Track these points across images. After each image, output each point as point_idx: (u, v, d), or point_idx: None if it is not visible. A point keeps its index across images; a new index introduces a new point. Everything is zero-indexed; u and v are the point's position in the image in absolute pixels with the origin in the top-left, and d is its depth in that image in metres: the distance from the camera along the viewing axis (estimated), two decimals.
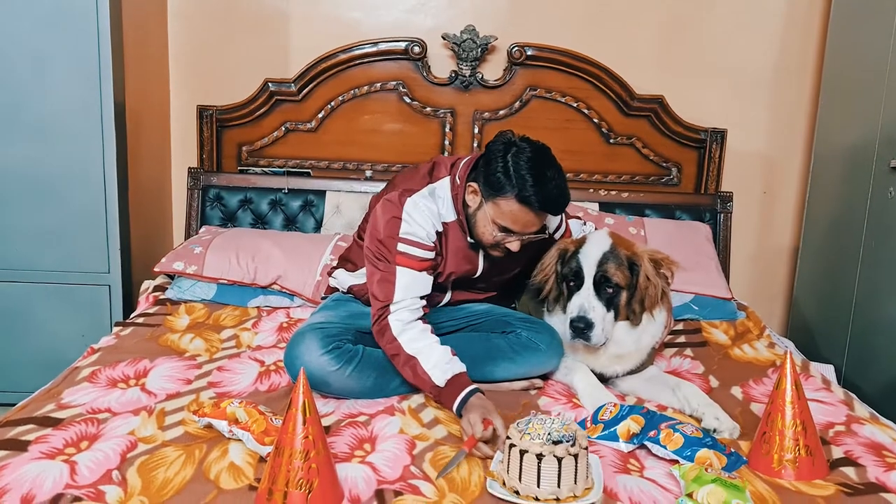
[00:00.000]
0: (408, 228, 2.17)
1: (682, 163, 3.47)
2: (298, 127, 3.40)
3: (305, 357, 2.12)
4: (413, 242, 2.17)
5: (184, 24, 3.43)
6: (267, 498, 1.58)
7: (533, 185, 2.06)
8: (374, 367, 2.17)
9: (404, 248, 2.17)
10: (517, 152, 2.09)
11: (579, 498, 1.65)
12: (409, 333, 2.12)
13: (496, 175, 2.09)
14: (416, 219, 2.18)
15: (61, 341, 2.99)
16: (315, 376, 2.09)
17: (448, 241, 2.26)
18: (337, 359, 2.13)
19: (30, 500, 1.60)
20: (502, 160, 2.09)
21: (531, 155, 2.09)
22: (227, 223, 3.37)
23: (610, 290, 2.24)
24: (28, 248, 2.98)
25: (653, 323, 2.33)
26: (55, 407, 2.02)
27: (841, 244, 3.11)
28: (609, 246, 2.27)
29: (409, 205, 2.19)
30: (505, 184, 2.08)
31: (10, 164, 2.92)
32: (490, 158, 2.13)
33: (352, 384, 2.14)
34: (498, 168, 2.09)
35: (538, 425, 1.70)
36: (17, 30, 2.84)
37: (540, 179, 2.07)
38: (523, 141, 2.14)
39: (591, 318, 2.21)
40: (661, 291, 2.28)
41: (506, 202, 2.10)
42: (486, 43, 3.32)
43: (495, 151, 2.12)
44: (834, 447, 1.97)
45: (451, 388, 2.02)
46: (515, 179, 2.07)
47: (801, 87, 3.53)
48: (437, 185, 2.24)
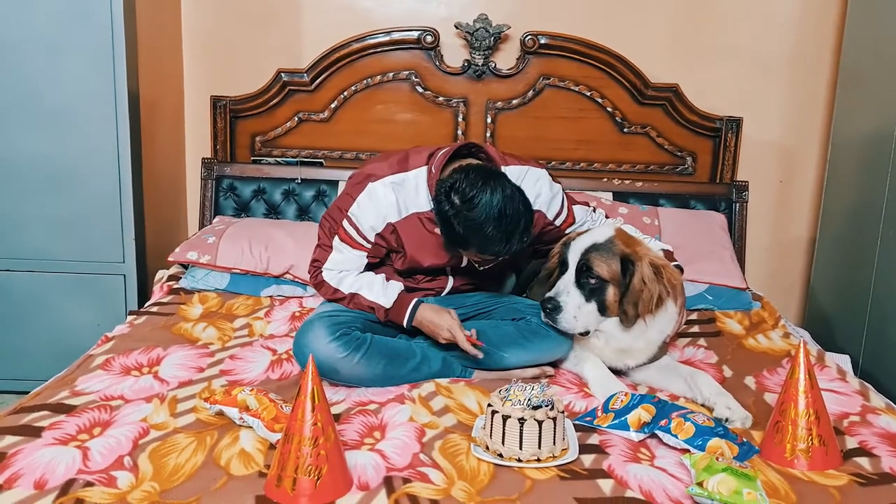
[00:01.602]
0: (355, 210, 2.24)
1: (696, 152, 3.44)
2: (311, 117, 3.41)
3: (314, 344, 2.13)
4: (354, 225, 2.25)
5: (197, 14, 3.44)
6: (276, 484, 1.59)
7: (481, 245, 2.08)
8: (384, 355, 2.18)
9: (346, 226, 2.26)
10: (463, 207, 2.04)
11: (557, 458, 1.78)
12: (346, 281, 2.32)
13: (455, 237, 2.10)
14: (366, 206, 2.23)
15: (76, 330, 3.01)
16: (324, 364, 2.10)
17: (421, 232, 2.27)
18: (345, 346, 2.14)
19: (42, 484, 1.62)
20: (454, 221, 2.06)
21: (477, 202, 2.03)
22: (240, 213, 3.38)
23: (592, 280, 2.22)
24: (44, 238, 3.01)
25: (662, 317, 2.29)
26: (69, 394, 2.04)
27: (858, 234, 3.07)
28: (604, 238, 2.25)
29: (368, 190, 2.23)
30: (467, 242, 2.10)
31: (25, 154, 2.94)
32: (441, 219, 2.11)
33: (361, 371, 2.15)
34: (454, 230, 2.08)
35: (518, 392, 1.81)
36: (32, 21, 2.85)
37: (485, 241, 2.06)
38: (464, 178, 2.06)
39: (559, 301, 2.22)
40: (657, 298, 2.21)
41: (469, 252, 2.18)
42: (498, 32, 3.30)
43: (443, 212, 2.09)
44: (848, 437, 1.95)
45: (397, 308, 2.27)
46: (474, 240, 2.07)
47: (818, 75, 3.49)
48: (409, 174, 2.25)
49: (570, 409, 2.10)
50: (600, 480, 1.71)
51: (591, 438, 1.91)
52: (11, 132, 2.92)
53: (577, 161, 3.45)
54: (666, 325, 2.32)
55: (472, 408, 2.06)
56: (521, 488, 1.67)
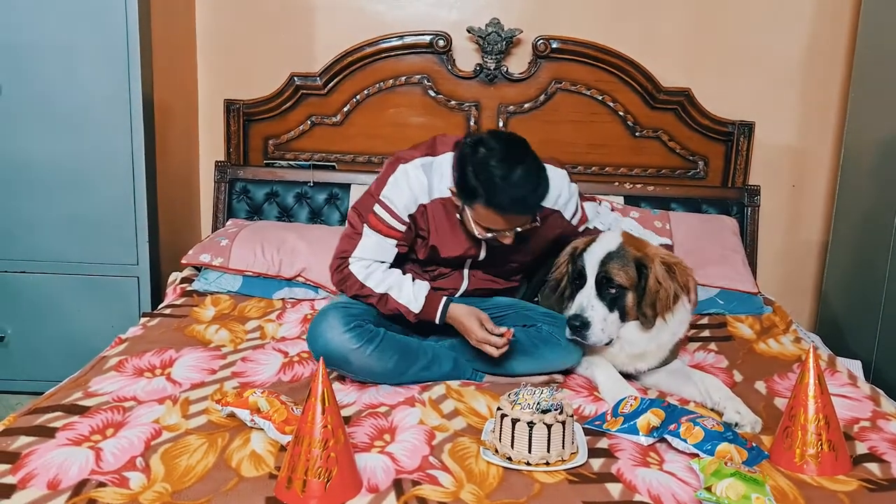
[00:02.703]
0: (387, 192, 2.22)
1: (708, 156, 3.44)
2: (324, 121, 3.42)
3: (328, 334, 2.15)
4: (387, 208, 2.22)
5: (212, 18, 3.46)
6: (286, 486, 1.60)
7: (501, 191, 2.04)
8: (396, 350, 2.19)
9: (378, 210, 2.23)
10: (485, 155, 2.06)
11: (566, 461, 1.78)
12: (374, 277, 2.24)
13: (466, 181, 2.09)
14: (399, 185, 2.21)
15: (90, 332, 3.03)
16: (336, 353, 2.12)
17: (445, 217, 2.25)
18: (358, 337, 2.15)
19: (56, 485, 1.64)
20: (470, 165, 2.07)
21: (498, 155, 2.05)
22: (253, 216, 3.40)
23: (613, 290, 2.22)
24: (58, 240, 3.03)
25: (673, 320, 2.29)
26: (82, 395, 2.06)
27: (871, 238, 3.06)
28: (616, 246, 2.25)
29: (399, 171, 2.23)
30: (474, 190, 2.07)
31: (40, 156, 2.97)
32: (460, 161, 2.11)
33: (372, 364, 2.16)
34: (467, 173, 2.08)
35: (528, 396, 1.82)
36: (47, 23, 2.88)
37: (507, 183, 2.03)
38: (493, 137, 2.10)
39: (587, 318, 2.20)
40: (673, 296, 2.23)
41: (480, 207, 2.10)
42: (510, 36, 3.31)
43: (463, 156, 2.10)
44: (858, 443, 1.94)
45: (427, 308, 2.23)
46: (482, 186, 2.05)
47: (830, 79, 3.47)
48: (436, 158, 2.24)
49: (580, 413, 2.10)
50: (609, 484, 1.72)
51: (600, 442, 1.91)
52: (27, 135, 2.95)
53: (589, 165, 3.45)
54: (678, 328, 2.32)
55: (481, 411, 2.07)
56: (529, 492, 1.68)
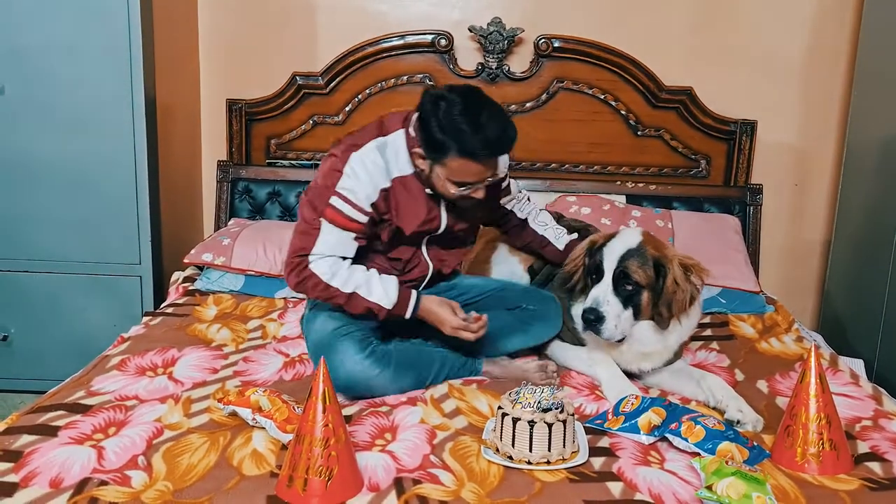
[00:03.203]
0: (346, 183, 2.12)
1: (711, 155, 3.43)
2: (326, 120, 3.43)
3: (347, 365, 2.10)
4: (347, 200, 2.12)
5: (214, 18, 3.47)
6: (287, 484, 1.61)
7: (472, 136, 2.01)
8: (411, 365, 2.18)
9: (336, 203, 2.12)
10: (447, 107, 2.03)
11: (567, 460, 1.78)
12: (339, 276, 2.15)
13: (434, 136, 2.04)
14: (357, 174, 2.12)
15: (93, 331, 3.04)
16: (360, 383, 2.10)
17: (405, 194, 2.20)
18: (376, 363, 2.12)
19: (58, 483, 1.64)
20: (435, 119, 2.03)
21: (461, 104, 2.03)
22: (255, 215, 3.41)
23: (629, 287, 2.20)
24: (61, 240, 3.04)
25: (685, 322, 2.29)
26: (85, 394, 2.07)
27: (873, 237, 3.05)
28: (637, 244, 2.24)
29: (355, 159, 2.13)
30: (445, 142, 2.03)
31: (43, 156, 2.98)
32: (423, 120, 2.07)
33: (392, 387, 2.14)
34: (434, 129, 2.03)
35: (529, 395, 1.82)
36: (50, 24, 2.89)
37: (476, 127, 2.01)
38: (451, 91, 2.07)
39: (602, 312, 2.19)
40: (689, 297, 2.22)
41: (451, 160, 2.06)
42: (512, 35, 3.31)
43: (426, 111, 2.06)
44: (860, 442, 1.94)
45: (399, 305, 2.18)
46: (453, 135, 2.02)
47: (833, 77, 3.47)
48: (388, 138, 2.17)
49: (581, 412, 2.10)
50: (610, 483, 1.72)
51: (601, 441, 1.91)
52: (30, 135, 2.96)
53: (591, 164, 3.45)
54: (685, 330, 2.32)
55: (483, 410, 2.07)
56: (530, 490, 1.68)
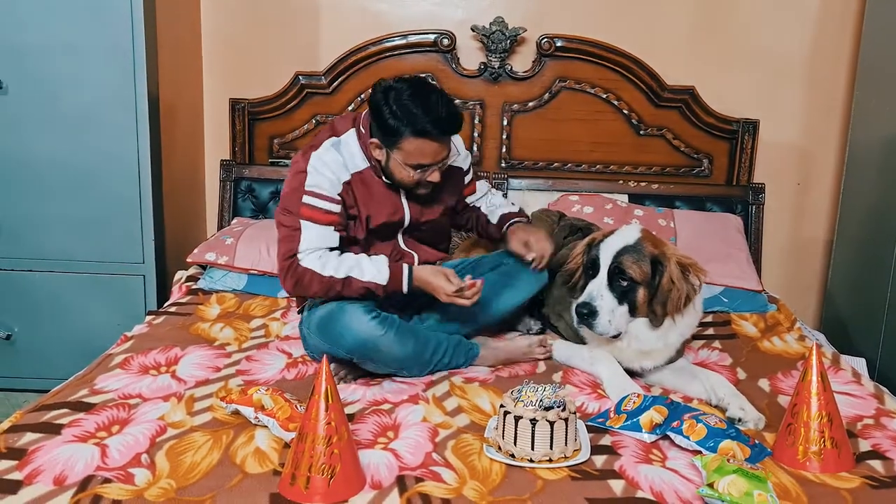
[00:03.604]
0: (312, 180, 2.25)
1: (713, 154, 3.44)
2: (329, 119, 3.42)
3: (355, 325, 2.16)
4: (317, 195, 2.25)
5: (217, 17, 3.47)
6: (290, 482, 1.61)
7: (424, 116, 2.15)
8: (410, 333, 2.23)
9: (309, 200, 2.24)
10: (396, 94, 2.17)
11: (569, 458, 1.79)
12: (331, 264, 2.22)
13: (388, 122, 2.18)
14: (320, 170, 2.26)
15: (96, 330, 3.04)
16: (368, 342, 2.15)
17: (364, 189, 2.33)
18: (381, 323, 2.18)
19: (62, 480, 1.65)
20: (386, 106, 2.17)
21: (409, 90, 2.18)
22: (258, 215, 3.41)
23: (624, 282, 2.21)
24: (64, 239, 3.05)
25: (682, 321, 2.29)
26: (88, 392, 2.08)
27: (875, 236, 3.05)
28: (634, 240, 2.25)
29: (314, 158, 2.27)
30: (398, 126, 2.17)
31: (46, 155, 2.98)
32: (375, 109, 2.20)
33: (396, 350, 2.18)
34: (386, 115, 2.17)
35: (530, 393, 1.82)
36: (52, 23, 2.89)
37: (427, 108, 2.16)
38: (398, 81, 2.22)
39: (595, 306, 2.20)
40: (685, 297, 2.23)
41: (407, 142, 2.19)
42: (515, 34, 3.31)
43: (377, 101, 2.20)
44: (861, 440, 1.95)
45: (393, 278, 2.24)
46: (405, 118, 2.16)
47: (835, 77, 3.47)
48: (341, 138, 2.32)
49: (583, 411, 2.11)
50: (611, 481, 1.72)
51: (603, 439, 1.92)
52: (32, 135, 2.97)
53: (594, 163, 3.45)
54: (686, 329, 2.32)
55: (485, 408, 2.08)
56: (532, 488, 1.69)
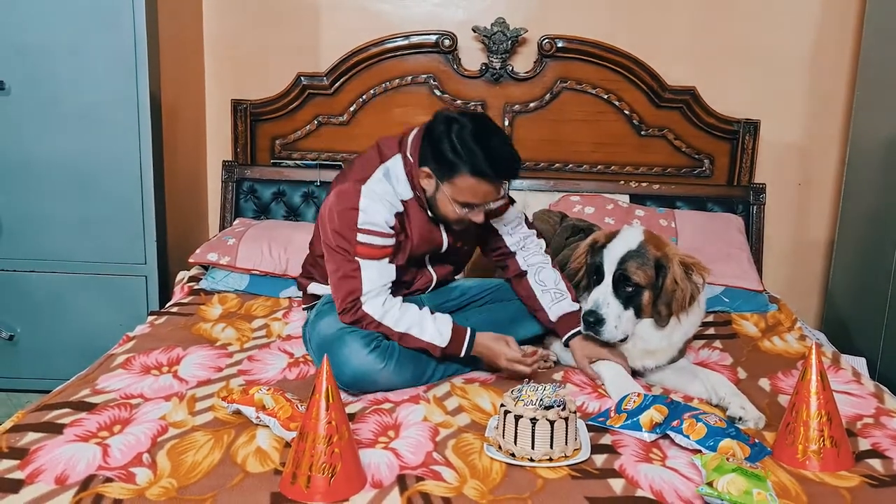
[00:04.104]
0: (366, 218, 2.18)
1: (714, 154, 3.44)
2: (330, 120, 3.44)
3: (353, 360, 2.13)
4: (372, 232, 2.19)
5: (219, 18, 3.49)
6: (291, 481, 1.62)
7: (484, 158, 2.10)
8: (410, 360, 2.20)
9: (364, 239, 2.18)
10: (460, 129, 2.12)
11: (570, 458, 1.79)
12: (390, 315, 2.20)
13: (446, 156, 2.13)
14: (373, 206, 2.19)
15: (98, 330, 3.05)
16: (365, 376, 2.13)
17: (410, 217, 2.28)
18: (381, 356, 2.15)
19: (63, 480, 1.65)
20: (448, 140, 2.12)
21: (473, 127, 2.13)
22: (260, 215, 3.42)
23: (629, 288, 2.22)
24: (67, 239, 3.06)
25: (686, 320, 2.30)
26: (90, 392, 2.08)
27: (877, 236, 3.06)
28: (637, 244, 2.25)
29: (365, 193, 2.19)
30: (457, 162, 2.12)
31: (48, 156, 2.99)
32: (435, 141, 2.15)
33: (395, 380, 2.17)
34: (446, 149, 2.12)
35: (531, 392, 1.83)
36: (55, 24, 2.90)
37: (489, 150, 2.11)
38: (462, 115, 2.18)
39: (601, 314, 2.21)
40: (689, 296, 2.23)
41: (461, 179, 2.14)
42: (516, 35, 3.32)
43: (439, 133, 2.15)
44: (861, 439, 1.95)
45: (453, 343, 2.21)
46: (465, 155, 2.11)
47: (836, 76, 3.47)
48: (389, 164, 2.25)
49: (583, 410, 2.11)
50: (611, 480, 1.72)
51: (603, 438, 1.92)
52: (35, 135, 2.98)
53: (595, 164, 3.46)
54: (690, 328, 2.33)
55: (485, 408, 2.08)
56: (532, 487, 1.69)
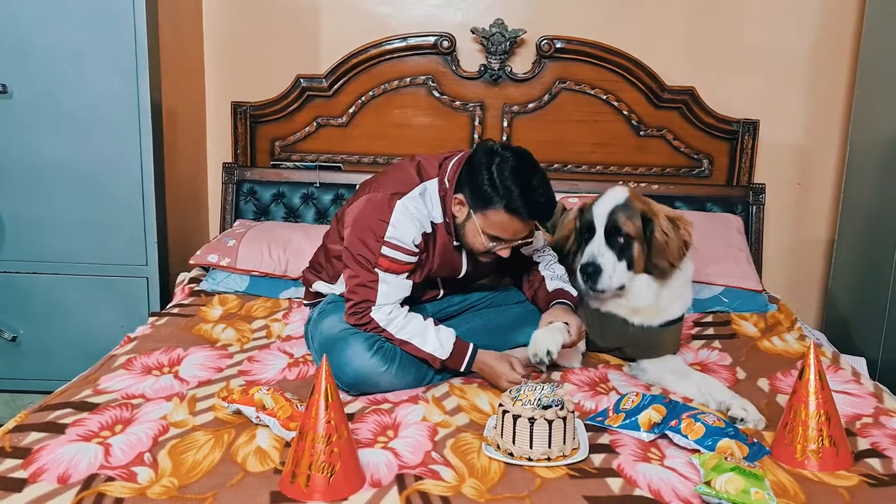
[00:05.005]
0: (394, 233, 2.16)
1: (713, 154, 3.45)
2: (330, 122, 3.45)
3: (355, 362, 2.13)
4: (397, 247, 2.17)
5: (219, 21, 3.49)
6: (290, 481, 1.62)
7: (521, 196, 2.09)
8: (412, 363, 2.21)
9: (388, 252, 2.16)
10: (501, 163, 2.11)
11: (568, 457, 1.80)
12: (395, 322, 2.19)
13: (483, 188, 2.11)
14: (404, 223, 2.16)
15: (100, 331, 3.06)
16: (367, 379, 2.14)
17: (435, 241, 2.27)
18: (383, 359, 2.15)
19: (66, 479, 1.66)
20: (487, 172, 2.11)
21: (514, 164, 2.11)
22: (260, 217, 3.43)
23: (621, 239, 2.34)
24: (68, 241, 3.06)
25: (674, 287, 2.41)
26: (92, 392, 2.09)
27: (876, 236, 3.06)
28: (624, 199, 2.38)
29: (399, 208, 2.17)
30: (492, 196, 2.10)
31: (50, 158, 2.99)
32: (474, 171, 2.14)
33: (395, 383, 2.18)
34: (484, 181, 2.11)
35: (529, 392, 1.84)
36: (56, 27, 2.91)
37: (526, 188, 2.10)
38: (506, 149, 2.16)
39: (599, 263, 2.32)
40: (683, 244, 2.36)
41: (494, 213, 2.13)
42: (514, 36, 3.33)
43: (479, 164, 2.14)
44: (860, 439, 1.95)
45: (454, 357, 2.20)
46: (502, 191, 2.09)
47: (835, 77, 3.48)
48: (427, 184, 2.24)
49: (581, 409, 2.12)
50: (609, 479, 1.73)
51: (601, 438, 1.93)
52: (37, 138, 2.98)
53: (594, 164, 3.47)
54: (680, 302, 2.45)
55: (484, 408, 2.09)
56: (531, 486, 1.70)
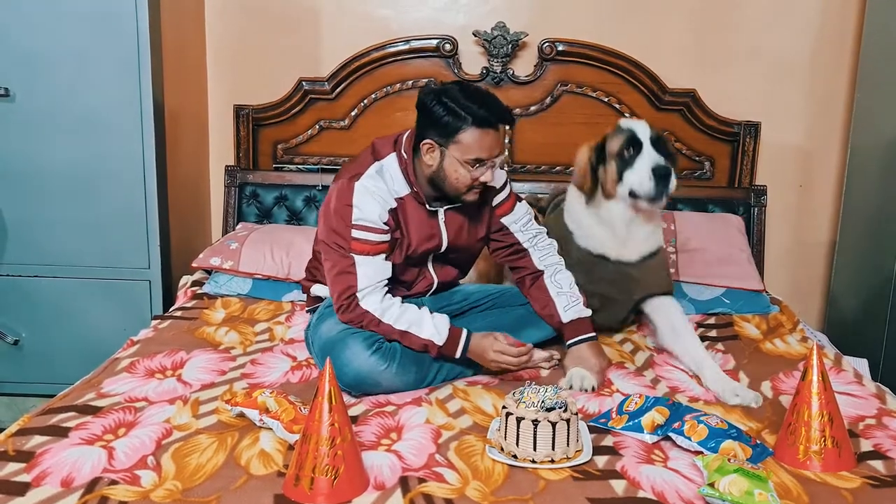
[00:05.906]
0: (359, 213, 2.21)
1: (714, 156, 3.45)
2: (332, 125, 3.45)
3: (355, 361, 2.14)
4: (366, 227, 2.22)
5: (221, 24, 3.50)
6: (294, 483, 1.63)
7: (481, 107, 2.15)
8: (413, 362, 2.21)
9: (359, 235, 2.22)
10: (448, 91, 2.18)
11: (571, 459, 1.80)
12: (390, 313, 2.22)
13: (444, 119, 2.16)
14: (366, 202, 2.22)
15: (103, 334, 3.06)
16: (368, 378, 2.14)
17: (406, 215, 2.30)
18: (383, 358, 2.16)
19: (69, 482, 1.66)
20: (441, 105, 2.16)
21: (459, 87, 2.20)
22: (262, 220, 3.44)
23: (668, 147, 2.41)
24: (71, 244, 3.06)
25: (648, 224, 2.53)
26: (95, 396, 2.10)
27: (878, 238, 3.06)
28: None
29: (359, 189, 2.22)
30: (456, 120, 2.16)
31: (53, 161, 3.00)
32: (429, 111, 2.19)
33: (397, 382, 2.18)
34: (442, 113, 2.16)
35: (532, 394, 1.84)
36: (59, 30, 2.92)
37: (483, 101, 2.16)
38: (444, 84, 2.25)
39: (667, 165, 2.35)
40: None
41: (465, 134, 2.17)
42: (516, 39, 3.33)
43: (430, 104, 2.19)
44: (863, 440, 1.95)
45: (450, 343, 2.23)
46: (464, 111, 2.15)
47: (836, 78, 3.48)
48: (383, 162, 2.28)
49: (584, 412, 2.12)
50: (613, 481, 1.73)
51: (605, 440, 1.93)
52: (40, 141, 2.99)
53: None
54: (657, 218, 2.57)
55: (487, 410, 2.09)
56: (534, 488, 1.70)
